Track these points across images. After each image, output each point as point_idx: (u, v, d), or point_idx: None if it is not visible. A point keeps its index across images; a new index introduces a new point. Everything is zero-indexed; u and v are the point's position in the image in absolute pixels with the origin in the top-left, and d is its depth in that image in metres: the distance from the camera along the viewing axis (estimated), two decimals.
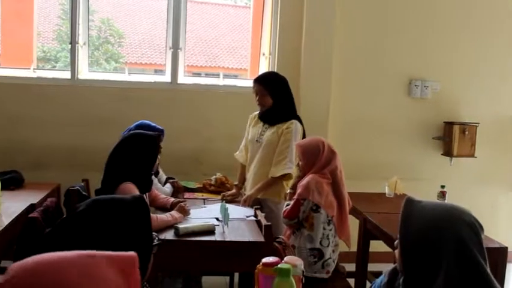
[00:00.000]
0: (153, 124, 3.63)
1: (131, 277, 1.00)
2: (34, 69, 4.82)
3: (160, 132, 3.59)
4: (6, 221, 2.89)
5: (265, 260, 1.91)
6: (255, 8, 5.52)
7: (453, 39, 5.08)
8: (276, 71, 4.67)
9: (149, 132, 3.10)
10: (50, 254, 0.95)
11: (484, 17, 5.12)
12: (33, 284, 0.88)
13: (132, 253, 1.03)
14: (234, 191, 3.85)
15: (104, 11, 9.48)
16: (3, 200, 3.13)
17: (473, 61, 5.13)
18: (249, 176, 3.79)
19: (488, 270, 1.47)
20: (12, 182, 3.72)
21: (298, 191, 3.17)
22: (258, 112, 3.83)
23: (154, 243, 1.51)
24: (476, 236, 1.50)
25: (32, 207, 3.21)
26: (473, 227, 1.51)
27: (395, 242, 1.66)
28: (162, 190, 3.66)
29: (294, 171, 3.55)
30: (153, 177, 3.50)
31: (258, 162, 3.71)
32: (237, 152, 3.99)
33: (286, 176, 3.60)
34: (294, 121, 3.65)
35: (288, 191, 3.39)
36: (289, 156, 3.57)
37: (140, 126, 3.52)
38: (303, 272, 1.95)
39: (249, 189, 3.74)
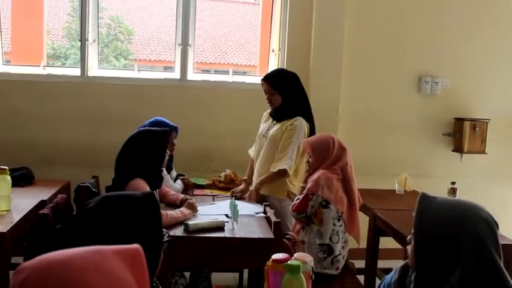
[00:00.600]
0: (167, 121, 3.63)
1: (139, 269, 1.00)
2: (44, 66, 4.84)
3: (174, 129, 3.60)
4: (16, 217, 2.90)
5: (274, 256, 1.91)
6: (264, 4, 5.50)
7: (463, 35, 5.04)
8: (285, 67, 4.67)
9: (157, 129, 3.11)
10: (59, 252, 0.95)
11: (494, 12, 5.08)
12: (45, 284, 0.88)
13: (136, 245, 1.02)
14: (243, 186, 3.85)
15: (114, 8, 9.48)
16: (13, 196, 3.14)
17: (484, 57, 5.10)
18: (255, 170, 3.80)
19: (503, 266, 1.46)
20: (23, 178, 3.74)
21: (308, 185, 3.17)
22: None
23: (164, 240, 1.51)
24: (493, 232, 1.49)
25: (42, 204, 3.23)
26: (490, 224, 1.50)
27: (408, 237, 1.65)
28: (173, 187, 3.66)
29: (292, 167, 3.55)
30: (165, 173, 3.51)
31: (263, 157, 3.72)
32: (250, 148, 4.00)
33: (287, 173, 3.59)
34: (299, 118, 3.64)
35: (301, 185, 3.39)
36: (289, 153, 3.56)
37: (154, 123, 3.54)
38: (312, 268, 1.94)
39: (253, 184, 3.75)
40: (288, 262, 1.75)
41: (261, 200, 3.52)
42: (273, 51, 5.04)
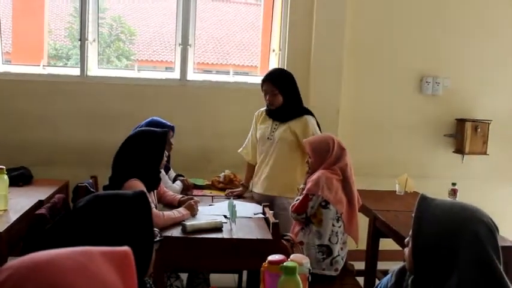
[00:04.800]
0: (163, 121, 3.62)
1: (127, 273, 0.97)
2: (44, 66, 4.82)
3: (171, 128, 3.58)
4: (13, 217, 2.89)
5: (271, 257, 1.88)
6: (265, 5, 5.48)
7: (464, 35, 5.02)
8: (285, 67, 4.65)
9: (156, 129, 3.09)
10: (44, 252, 0.93)
11: (495, 12, 5.06)
12: (26, 285, 0.86)
13: (126, 248, 1.00)
14: (240, 189, 3.85)
15: (116, 8, 9.48)
16: (11, 196, 3.13)
17: (485, 57, 5.07)
18: (261, 173, 3.76)
19: (502, 270, 1.43)
20: (21, 178, 3.73)
21: (308, 186, 3.15)
22: (264, 109, 3.82)
23: (156, 240, 1.49)
24: (493, 236, 1.46)
25: (40, 204, 3.21)
26: (490, 227, 1.47)
27: (406, 240, 1.63)
28: (172, 187, 3.65)
29: None
30: (163, 174, 3.49)
31: (273, 159, 3.70)
32: (241, 149, 3.97)
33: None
34: (307, 117, 3.67)
35: (301, 186, 3.36)
36: None
37: (150, 123, 3.52)
38: (309, 270, 1.92)
39: (260, 187, 3.72)
40: (284, 264, 1.72)
41: (269, 202, 3.51)
42: (273, 51, 5.02)
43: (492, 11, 5.04)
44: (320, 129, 3.70)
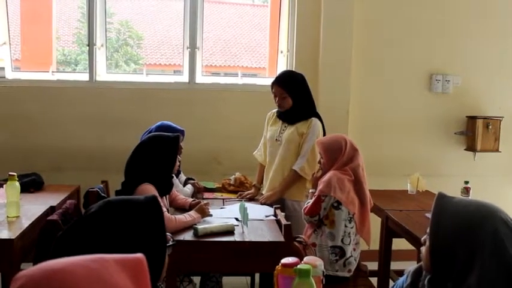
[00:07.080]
0: (173, 125, 3.61)
1: (141, 280, 0.97)
2: (53, 72, 4.84)
3: (181, 132, 3.57)
4: (25, 223, 2.89)
5: (284, 260, 1.87)
6: (272, 6, 5.47)
7: (474, 32, 4.98)
8: (294, 68, 4.64)
9: (169, 134, 3.08)
10: (58, 260, 0.92)
11: (505, 8, 5.01)
12: None
13: (139, 255, 0.99)
14: (252, 191, 3.83)
15: (123, 13, 9.51)
16: (23, 202, 3.14)
17: (496, 53, 5.03)
18: (268, 175, 3.75)
19: None
20: (32, 184, 3.73)
21: (320, 187, 3.11)
22: (276, 110, 3.80)
23: (168, 244, 1.47)
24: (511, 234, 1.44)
25: (51, 210, 3.22)
26: (509, 225, 1.45)
27: (423, 238, 1.61)
28: (183, 191, 3.64)
29: (306, 167, 3.55)
30: (174, 177, 3.49)
31: (278, 161, 3.68)
32: (256, 151, 3.96)
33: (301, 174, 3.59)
34: (313, 119, 3.63)
35: (310, 190, 3.34)
36: (305, 155, 3.57)
37: (160, 127, 3.51)
38: (323, 272, 1.90)
39: (267, 188, 3.71)
40: (298, 266, 1.71)
41: (279, 203, 3.49)
42: (281, 52, 5.01)
43: (502, 8, 5.00)
44: (325, 134, 3.68)
